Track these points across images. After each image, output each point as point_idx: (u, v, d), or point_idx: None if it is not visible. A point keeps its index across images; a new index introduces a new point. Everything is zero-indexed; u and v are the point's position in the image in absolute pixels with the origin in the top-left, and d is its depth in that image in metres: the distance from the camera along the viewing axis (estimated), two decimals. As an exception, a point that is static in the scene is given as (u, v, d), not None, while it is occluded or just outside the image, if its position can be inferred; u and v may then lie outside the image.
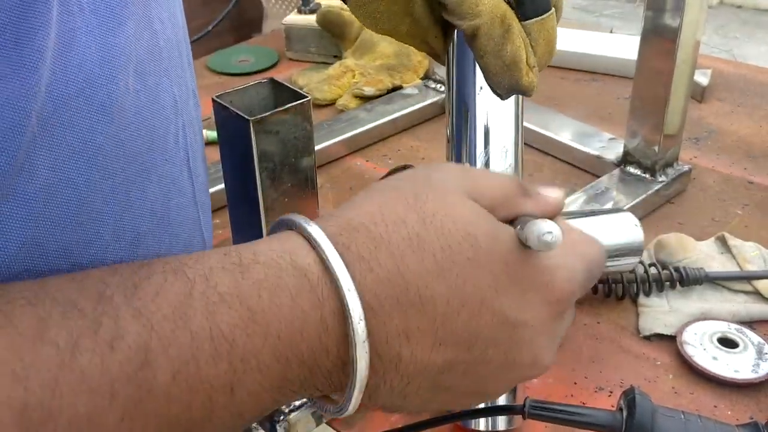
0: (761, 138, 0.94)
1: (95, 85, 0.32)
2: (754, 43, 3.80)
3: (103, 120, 0.33)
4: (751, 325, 0.64)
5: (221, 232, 0.77)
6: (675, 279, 0.66)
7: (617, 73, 1.10)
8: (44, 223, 0.32)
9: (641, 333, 0.64)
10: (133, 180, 0.35)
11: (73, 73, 0.31)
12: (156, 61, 0.37)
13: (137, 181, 0.36)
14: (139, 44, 0.35)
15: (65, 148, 0.31)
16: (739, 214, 0.80)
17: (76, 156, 0.32)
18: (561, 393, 0.59)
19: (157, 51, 0.37)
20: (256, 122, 0.49)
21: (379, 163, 0.91)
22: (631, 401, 0.48)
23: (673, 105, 0.78)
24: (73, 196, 0.32)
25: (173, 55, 0.40)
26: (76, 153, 0.32)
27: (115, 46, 0.33)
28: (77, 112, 0.31)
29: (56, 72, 0.30)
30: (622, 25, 3.73)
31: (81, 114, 0.32)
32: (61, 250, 0.32)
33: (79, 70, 0.31)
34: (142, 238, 0.37)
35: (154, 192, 0.37)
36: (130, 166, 0.35)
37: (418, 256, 0.32)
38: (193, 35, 1.17)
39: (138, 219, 0.36)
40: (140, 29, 0.35)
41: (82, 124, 0.32)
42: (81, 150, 0.32)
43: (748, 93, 1.06)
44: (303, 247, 0.32)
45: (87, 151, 0.32)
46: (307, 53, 1.17)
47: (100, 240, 0.34)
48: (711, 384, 0.59)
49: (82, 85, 0.31)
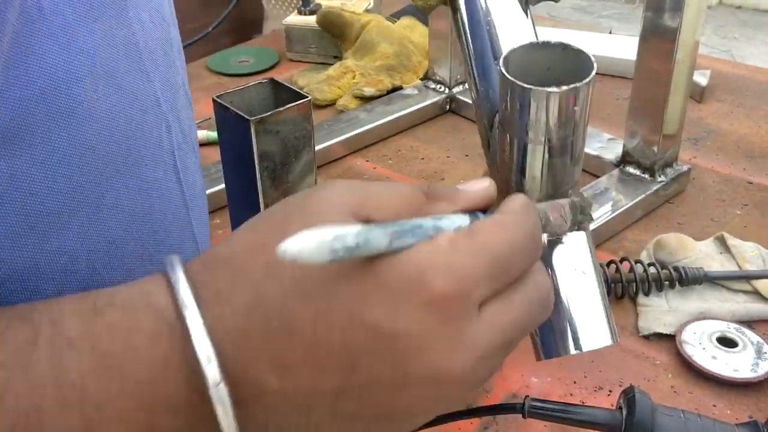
0: (760, 138, 0.95)
1: (58, 90, 0.31)
2: (753, 44, 3.81)
3: (67, 126, 0.32)
4: (751, 325, 0.64)
5: (221, 232, 0.78)
6: (674, 279, 0.67)
7: (616, 73, 1.10)
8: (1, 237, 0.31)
9: (641, 332, 0.64)
10: (105, 185, 0.35)
11: (33, 78, 0.30)
12: (133, 62, 0.36)
13: (111, 187, 0.35)
14: (112, 47, 0.34)
15: (25, 156, 0.31)
16: (738, 214, 0.80)
17: (38, 164, 0.31)
18: (560, 392, 0.59)
19: (136, 52, 0.36)
20: (256, 122, 0.50)
21: (379, 163, 0.91)
22: (631, 400, 0.48)
23: (672, 105, 0.78)
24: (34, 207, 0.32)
25: (156, 54, 0.39)
26: (37, 161, 0.31)
27: (80, 50, 0.32)
28: (38, 118, 0.31)
29: (13, 77, 0.29)
30: (621, 25, 3.73)
31: (43, 120, 0.31)
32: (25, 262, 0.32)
33: (39, 76, 0.30)
34: (118, 243, 0.36)
35: (132, 197, 0.36)
36: (101, 172, 0.34)
37: (276, 280, 0.29)
38: (193, 36, 1.18)
39: (111, 225, 0.35)
40: (113, 31, 0.34)
41: (44, 131, 0.31)
42: (44, 158, 0.31)
43: (747, 93, 1.06)
44: (161, 287, 0.30)
45: (50, 159, 0.32)
46: (308, 54, 1.17)
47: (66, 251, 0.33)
48: (710, 383, 0.59)
49: (43, 90, 0.31)
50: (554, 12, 3.99)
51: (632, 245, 0.75)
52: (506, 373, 0.61)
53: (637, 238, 0.76)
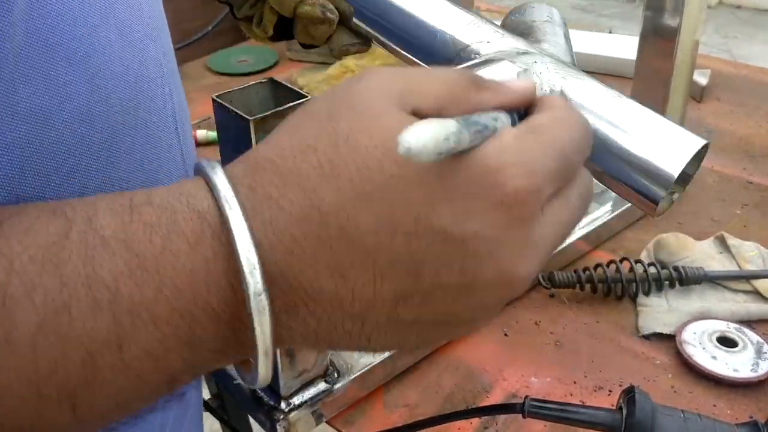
0: (760, 138, 0.95)
1: (75, 36, 0.31)
2: (753, 43, 3.80)
3: (85, 70, 0.32)
4: (751, 325, 0.64)
5: (221, 232, 0.78)
6: (674, 278, 0.66)
7: (616, 72, 1.10)
8: (29, 173, 0.30)
9: (640, 332, 0.64)
10: (119, 136, 0.34)
11: (52, 22, 0.30)
12: (139, 24, 0.36)
13: (124, 138, 0.35)
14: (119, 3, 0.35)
15: (47, 96, 0.30)
16: (738, 213, 0.80)
17: (59, 105, 0.31)
18: (560, 392, 0.59)
19: (140, 13, 0.37)
20: (256, 122, 0.49)
21: (378, 163, 0.91)
22: (631, 400, 0.48)
23: (672, 105, 0.78)
24: (59, 145, 0.31)
25: (157, 17, 0.39)
26: (57, 101, 0.31)
27: (94, 2, 0.33)
28: (58, 60, 0.31)
29: (34, 19, 0.30)
30: (621, 25, 3.73)
31: (62, 63, 0.31)
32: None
33: (59, 21, 0.31)
34: None
35: (142, 151, 0.36)
36: (115, 121, 0.34)
37: (332, 184, 0.28)
38: (193, 35, 1.18)
39: (126, 177, 0.35)
40: None
41: (63, 74, 0.31)
42: (63, 99, 0.31)
43: (747, 93, 1.06)
44: (202, 189, 0.29)
45: (70, 101, 0.31)
46: (307, 53, 1.17)
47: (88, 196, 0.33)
48: (710, 383, 0.59)
49: (62, 35, 0.31)
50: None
51: (632, 245, 0.75)
52: (506, 373, 0.61)
53: (637, 238, 0.76)
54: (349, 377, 0.57)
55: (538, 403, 0.50)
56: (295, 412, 0.54)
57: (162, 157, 0.38)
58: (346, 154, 0.28)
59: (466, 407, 0.57)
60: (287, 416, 0.54)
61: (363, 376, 0.57)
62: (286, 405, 0.54)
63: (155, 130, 0.38)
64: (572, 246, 0.72)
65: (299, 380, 0.54)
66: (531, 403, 0.50)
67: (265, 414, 0.54)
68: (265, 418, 0.54)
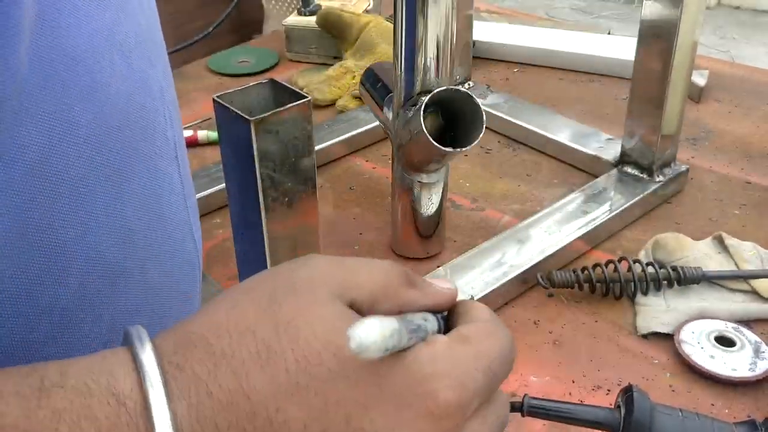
0: (758, 138, 0.95)
1: (81, 70, 0.31)
2: (751, 44, 3.81)
3: (90, 100, 0.32)
4: (749, 324, 0.64)
5: (221, 232, 0.78)
6: (672, 278, 0.67)
7: (615, 73, 1.10)
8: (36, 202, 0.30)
9: (639, 332, 0.64)
10: (124, 170, 0.34)
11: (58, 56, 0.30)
12: (141, 47, 0.36)
13: (128, 172, 0.34)
14: (121, 27, 0.34)
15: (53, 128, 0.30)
16: (737, 213, 0.80)
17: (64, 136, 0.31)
18: (559, 391, 0.59)
19: (141, 39, 0.37)
20: (256, 122, 0.50)
21: (378, 163, 0.91)
22: (629, 399, 0.48)
23: (671, 105, 0.78)
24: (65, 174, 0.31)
25: (156, 41, 0.39)
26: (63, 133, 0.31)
27: (100, 27, 0.32)
28: (64, 94, 0.30)
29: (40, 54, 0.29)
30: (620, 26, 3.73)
31: (68, 96, 0.31)
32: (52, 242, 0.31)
33: (65, 49, 0.30)
34: (134, 235, 0.35)
35: (145, 185, 0.36)
36: (120, 155, 0.34)
37: (267, 372, 0.27)
38: (193, 36, 1.18)
39: (129, 212, 0.35)
40: (120, 13, 0.34)
41: (69, 107, 0.31)
42: (69, 130, 0.31)
43: (745, 93, 1.06)
44: (125, 365, 0.27)
45: (75, 132, 0.31)
46: (307, 54, 1.18)
47: (92, 232, 0.32)
48: (708, 382, 0.59)
49: (68, 63, 0.30)
50: (553, 12, 3.99)
51: (631, 245, 0.75)
52: (505, 372, 0.61)
53: (635, 238, 0.76)
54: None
55: (537, 401, 0.50)
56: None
57: (164, 186, 0.38)
58: (286, 343, 0.27)
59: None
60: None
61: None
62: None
63: (157, 158, 0.37)
64: (571, 246, 0.72)
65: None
66: (530, 402, 0.50)
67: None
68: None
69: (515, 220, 0.79)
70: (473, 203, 0.83)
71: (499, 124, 0.96)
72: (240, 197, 0.55)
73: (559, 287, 0.68)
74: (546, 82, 1.11)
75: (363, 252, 0.76)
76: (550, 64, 1.15)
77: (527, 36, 1.19)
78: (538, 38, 1.18)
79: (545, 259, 0.70)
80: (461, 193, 0.85)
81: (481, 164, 0.90)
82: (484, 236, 0.76)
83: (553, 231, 0.73)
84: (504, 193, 0.85)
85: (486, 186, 0.86)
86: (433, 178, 0.70)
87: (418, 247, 0.74)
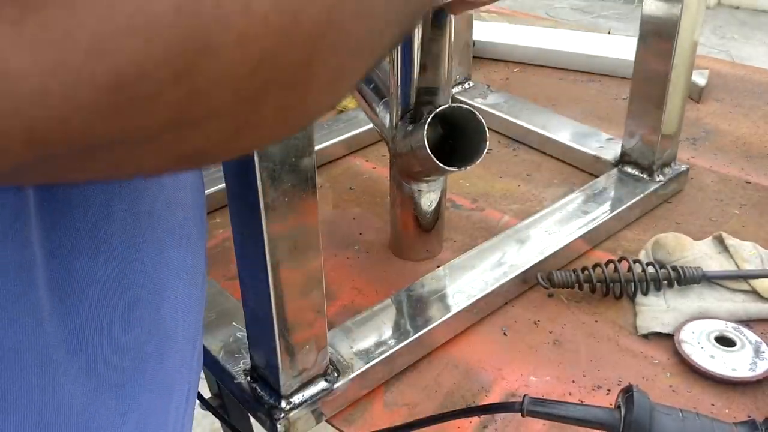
0: (759, 138, 0.95)
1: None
2: (751, 44, 3.81)
3: (127, 193, 0.35)
4: (749, 324, 0.64)
5: (221, 232, 0.78)
6: (672, 278, 0.67)
7: (615, 73, 1.10)
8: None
9: (639, 332, 0.64)
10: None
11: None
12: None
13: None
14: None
15: (79, 224, 0.32)
16: (737, 213, 0.80)
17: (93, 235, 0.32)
18: (559, 391, 0.59)
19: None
20: (256, 122, 0.50)
21: (378, 163, 0.91)
22: (629, 399, 0.49)
23: (671, 105, 0.78)
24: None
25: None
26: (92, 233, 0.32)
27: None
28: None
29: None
30: (620, 26, 3.74)
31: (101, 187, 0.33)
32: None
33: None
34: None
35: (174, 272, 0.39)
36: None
37: None
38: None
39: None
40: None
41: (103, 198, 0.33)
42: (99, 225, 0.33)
43: (745, 93, 1.06)
44: None
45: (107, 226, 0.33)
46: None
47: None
48: (708, 382, 0.59)
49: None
50: (553, 12, 3.99)
51: (631, 245, 0.75)
52: (505, 372, 0.61)
53: (635, 238, 0.76)
54: (349, 376, 0.57)
55: (537, 401, 0.50)
56: (295, 410, 0.54)
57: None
58: None
59: (466, 406, 0.57)
60: (287, 415, 0.54)
61: (363, 375, 0.58)
62: (286, 404, 0.54)
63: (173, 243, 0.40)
64: (571, 246, 0.72)
65: (299, 379, 0.55)
66: (530, 402, 0.50)
67: (265, 413, 0.54)
68: (265, 417, 0.55)
69: (515, 220, 0.79)
70: (473, 203, 0.83)
71: (499, 123, 0.96)
72: (240, 197, 0.55)
73: (559, 287, 0.68)
74: (546, 82, 1.11)
75: (363, 252, 0.76)
76: (550, 63, 1.15)
77: (527, 36, 1.19)
78: (538, 38, 1.18)
79: (545, 259, 0.70)
80: (461, 193, 0.85)
81: (481, 164, 0.90)
82: (484, 236, 0.76)
83: (553, 231, 0.73)
84: (504, 193, 0.85)
85: (486, 186, 0.86)
86: (432, 187, 0.70)
87: (418, 248, 0.74)
